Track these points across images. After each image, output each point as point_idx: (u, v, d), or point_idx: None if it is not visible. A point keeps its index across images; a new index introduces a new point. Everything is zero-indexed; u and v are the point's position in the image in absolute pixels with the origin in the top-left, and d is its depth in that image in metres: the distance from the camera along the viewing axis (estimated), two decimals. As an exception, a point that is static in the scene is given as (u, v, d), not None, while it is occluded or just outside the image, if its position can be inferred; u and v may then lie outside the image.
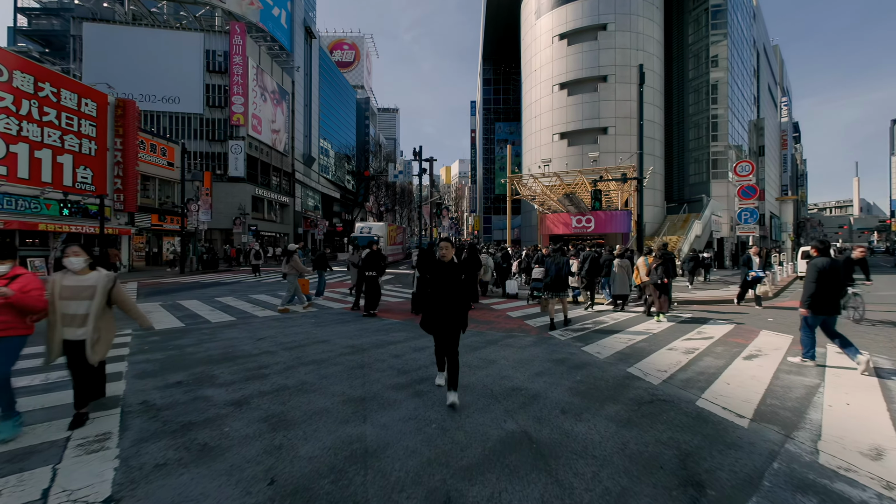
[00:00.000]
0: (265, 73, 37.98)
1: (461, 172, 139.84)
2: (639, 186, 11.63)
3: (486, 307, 10.07)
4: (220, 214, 33.57)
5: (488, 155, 52.70)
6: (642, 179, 11.71)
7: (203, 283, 15.99)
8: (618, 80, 27.59)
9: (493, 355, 5.55)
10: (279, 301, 10.02)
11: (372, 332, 7.07)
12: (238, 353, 5.61)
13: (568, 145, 28.77)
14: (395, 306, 10.17)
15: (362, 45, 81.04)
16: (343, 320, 8.15)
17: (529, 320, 8.20)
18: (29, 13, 42.83)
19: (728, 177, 33.14)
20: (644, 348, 6.01)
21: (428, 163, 22.79)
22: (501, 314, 9.00)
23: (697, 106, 34.58)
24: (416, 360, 5.29)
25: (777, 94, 65.37)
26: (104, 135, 21.28)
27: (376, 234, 27.16)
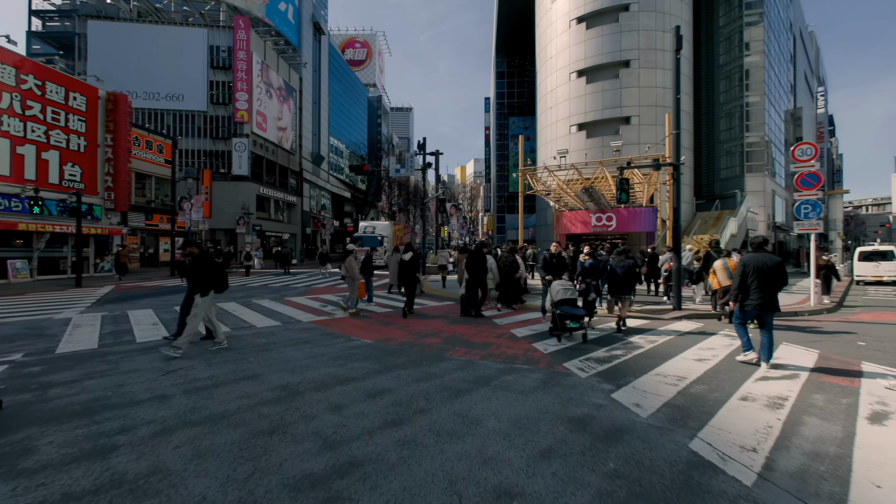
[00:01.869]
0: (270, 69, 36.98)
1: (476, 172, 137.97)
2: (676, 174, 9.62)
3: (488, 321, 8.24)
4: (224, 214, 32.68)
5: (502, 151, 50.69)
6: (679, 166, 9.70)
7: (183, 287, 14.62)
8: (642, 66, 25.28)
9: (480, 408, 3.75)
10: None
11: (327, 359, 5.35)
12: (116, 398, 3.96)
13: (587, 137, 26.60)
14: (379, 319, 8.45)
15: (374, 43, 79.99)
16: (301, 340, 6.47)
17: (539, 342, 6.34)
18: (43, 16, 43.06)
19: (765, 170, 30.30)
20: (704, 395, 4.10)
21: (433, 157, 21.05)
22: (505, 332, 7.17)
23: (729, 94, 31.81)
24: (362, 418, 3.53)
25: (813, 84, 61.12)
26: (94, 130, 20.34)
27: (380, 234, 25.61)
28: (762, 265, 5.13)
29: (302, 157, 43.71)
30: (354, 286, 8.94)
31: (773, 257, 5.24)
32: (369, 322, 8.12)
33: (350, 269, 8.84)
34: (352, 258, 8.97)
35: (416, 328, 7.49)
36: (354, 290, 8.94)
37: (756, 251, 5.37)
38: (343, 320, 8.26)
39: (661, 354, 5.67)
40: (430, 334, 6.95)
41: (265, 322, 7.90)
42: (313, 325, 7.75)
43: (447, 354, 5.64)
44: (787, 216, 38.24)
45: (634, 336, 6.89)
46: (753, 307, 5.14)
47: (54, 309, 9.64)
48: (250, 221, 32.49)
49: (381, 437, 3.16)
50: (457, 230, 63.57)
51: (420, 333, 7.01)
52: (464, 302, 8.69)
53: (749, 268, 5.20)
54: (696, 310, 9.55)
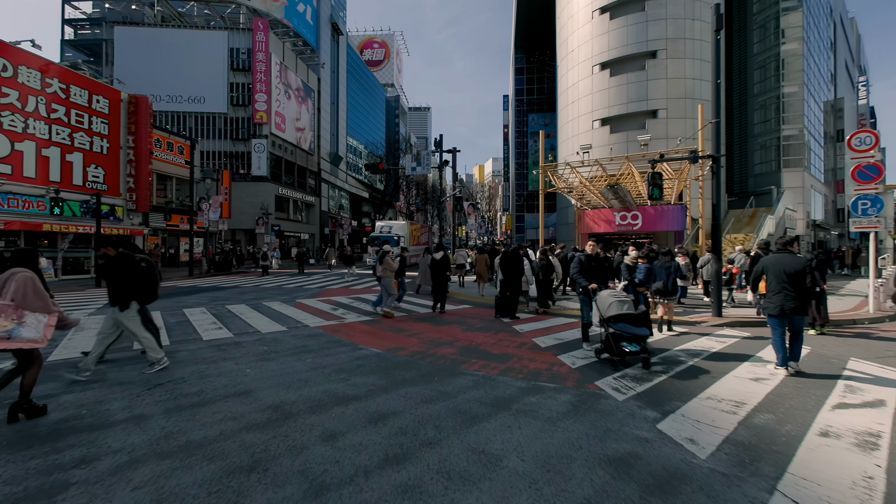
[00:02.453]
0: (289, 70, 37.21)
1: (494, 171, 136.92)
2: (716, 167, 8.73)
3: (507, 327, 7.60)
4: (243, 215, 33.04)
5: (521, 149, 49.67)
6: (720, 158, 8.80)
7: (199, 288, 14.55)
8: (670, 56, 24.02)
9: (499, 441, 3.14)
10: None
11: (329, 372, 4.85)
12: (90, 418, 3.55)
13: (610, 132, 25.49)
14: (392, 325, 7.93)
15: (392, 43, 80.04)
16: (305, 348, 6.00)
17: (565, 355, 5.67)
18: (74, 24, 44.65)
19: (804, 164, 28.43)
20: (773, 429, 3.38)
21: (450, 154, 20.49)
22: (527, 341, 6.52)
23: (763, 84, 30.01)
24: (359, 451, 2.99)
25: (854, 73, 57.54)
26: (117, 132, 20.66)
27: (397, 234, 25.22)
28: (781, 268, 4.93)
29: (320, 158, 43.90)
30: (391, 287, 8.83)
31: (796, 260, 4.98)
32: (381, 328, 7.60)
33: (389, 268, 8.65)
34: (389, 258, 8.77)
35: (429, 335, 6.93)
36: (392, 291, 8.86)
37: (780, 252, 5.17)
38: (353, 326, 7.78)
39: (708, 371, 4.93)
40: (444, 343, 6.37)
41: (271, 327, 7.49)
42: (321, 330, 7.29)
43: (462, 368, 5.05)
44: (827, 214, 35.94)
45: (674, 347, 6.13)
46: (777, 310, 4.89)
47: (66, 310, 9.52)
48: (269, 222, 32.70)
49: (379, 479, 2.60)
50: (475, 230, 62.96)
51: (433, 342, 6.44)
52: (498, 303, 8.51)
53: (767, 270, 5.09)
54: (741, 317, 8.65)
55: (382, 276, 8.70)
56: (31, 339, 3.43)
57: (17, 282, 3.44)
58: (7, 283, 3.45)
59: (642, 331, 4.88)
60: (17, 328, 3.35)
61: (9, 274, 3.51)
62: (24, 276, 3.49)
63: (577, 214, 23.27)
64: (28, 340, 3.41)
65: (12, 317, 3.33)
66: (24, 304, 3.41)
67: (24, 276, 3.49)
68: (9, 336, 3.32)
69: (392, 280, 8.88)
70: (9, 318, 3.32)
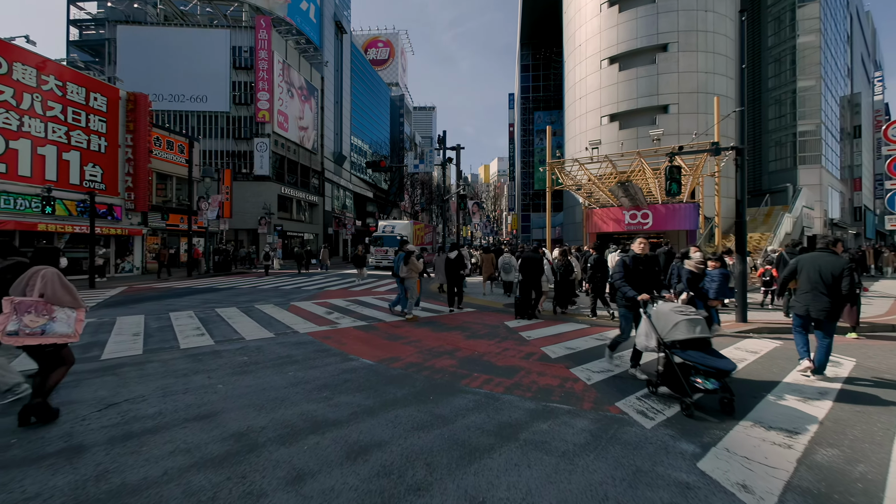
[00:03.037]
0: (292, 68, 36.83)
1: (500, 170, 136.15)
2: (740, 159, 8.05)
3: (513, 333, 6.99)
4: (246, 215, 32.69)
5: (527, 147, 48.94)
6: (744, 149, 8.12)
7: (194, 289, 14.08)
8: (681, 49, 23.22)
9: (504, 486, 2.53)
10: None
11: (311, 389, 4.27)
12: (18, 449, 3.00)
13: (619, 128, 24.74)
14: (388, 331, 7.35)
15: (397, 42, 79.62)
16: (289, 358, 5.43)
17: (579, 368, 5.04)
18: (80, 25, 44.67)
19: (821, 161, 27.44)
20: (843, 470, 2.73)
21: (454, 151, 19.88)
22: (535, 351, 5.90)
23: (778, 79, 29.04)
24: (329, 501, 2.39)
25: (870, 68, 56.04)
26: (115, 131, 20.32)
27: (399, 234, 24.65)
28: (816, 268, 4.57)
29: (324, 157, 43.51)
30: (414, 289, 8.63)
31: (835, 261, 4.53)
32: (376, 334, 7.02)
33: (414, 268, 8.40)
34: (414, 258, 8.50)
35: (428, 343, 6.34)
36: (414, 294, 8.65)
37: (821, 250, 4.76)
38: (346, 332, 7.21)
39: (745, 389, 4.27)
40: (443, 352, 5.77)
41: (257, 333, 6.94)
42: (310, 337, 6.72)
43: (462, 384, 4.44)
44: (844, 212, 34.81)
45: (700, 359, 5.47)
46: (803, 310, 4.61)
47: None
48: (271, 222, 32.31)
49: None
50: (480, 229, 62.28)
51: (432, 351, 5.85)
52: (518, 304, 8.44)
53: (801, 269, 4.75)
54: (768, 322, 7.96)
55: (407, 277, 8.39)
56: (65, 334, 3.44)
57: (43, 277, 3.43)
58: (32, 280, 3.43)
59: (725, 363, 3.60)
60: (50, 323, 3.37)
61: (33, 271, 3.47)
62: (50, 271, 3.49)
63: (584, 213, 22.56)
64: (61, 335, 3.42)
65: (42, 312, 3.35)
66: (54, 299, 3.41)
67: (50, 272, 3.48)
68: (42, 331, 3.34)
69: (416, 281, 8.67)
70: (40, 314, 3.33)
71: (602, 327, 7.68)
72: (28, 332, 3.28)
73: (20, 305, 3.29)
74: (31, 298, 3.33)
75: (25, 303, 3.31)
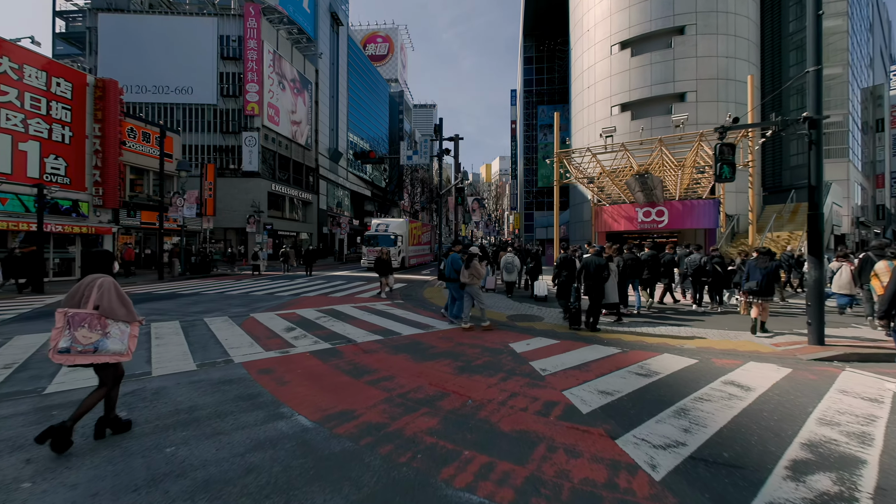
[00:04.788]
0: (284, 59, 35.08)
1: (502, 170, 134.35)
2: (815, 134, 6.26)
3: (520, 363, 5.17)
4: (234, 213, 30.99)
5: (530, 143, 47.05)
6: (821, 119, 6.33)
7: (152, 295, 12.30)
8: (700, 31, 21.33)
9: None
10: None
11: (182, 493, 2.46)
12: None
13: (631, 119, 22.86)
14: (355, 359, 5.53)
15: (396, 38, 77.79)
16: (188, 417, 3.62)
17: (630, 438, 3.22)
18: (66, 17, 43.07)
19: (848, 155, 25.50)
20: None
21: (452, 142, 18.06)
22: (555, 395, 4.08)
23: (800, 67, 27.04)
24: None
25: (886, 62, 53.90)
26: (82, 120, 18.58)
27: (394, 233, 22.92)
28: None
29: (318, 153, 41.75)
30: (479, 295, 7.54)
31: None
32: (336, 365, 5.20)
33: (477, 273, 7.41)
34: (477, 261, 7.48)
35: (402, 380, 4.53)
36: (470, 301, 7.60)
37: None
38: (296, 361, 5.40)
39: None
40: (421, 401, 3.96)
41: (175, 364, 5.13)
42: (244, 371, 4.90)
43: (442, 479, 2.62)
44: (867, 210, 32.82)
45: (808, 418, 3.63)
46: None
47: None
48: (261, 220, 30.56)
49: None
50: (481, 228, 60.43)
51: (405, 399, 4.03)
52: (573, 315, 7.57)
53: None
54: (857, 343, 6.13)
55: (469, 282, 7.45)
56: (117, 352, 3.10)
57: (100, 287, 3.11)
58: (88, 290, 3.11)
59: None
60: (103, 340, 3.05)
61: (89, 280, 3.17)
62: (107, 280, 3.18)
63: (593, 211, 20.74)
64: (114, 354, 3.09)
65: (97, 327, 3.04)
66: (109, 313, 3.07)
67: (108, 281, 3.17)
68: (95, 349, 3.02)
69: (479, 287, 7.59)
70: (93, 329, 3.03)
71: (637, 350, 5.87)
72: (80, 350, 2.98)
73: (74, 318, 3.00)
74: (85, 311, 3.03)
75: (80, 316, 3.01)
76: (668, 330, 7.34)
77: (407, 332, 7.07)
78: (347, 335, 6.81)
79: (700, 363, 5.33)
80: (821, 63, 6.44)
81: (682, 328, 7.51)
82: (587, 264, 7.31)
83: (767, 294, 6.87)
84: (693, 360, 5.47)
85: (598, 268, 7.16)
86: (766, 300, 6.91)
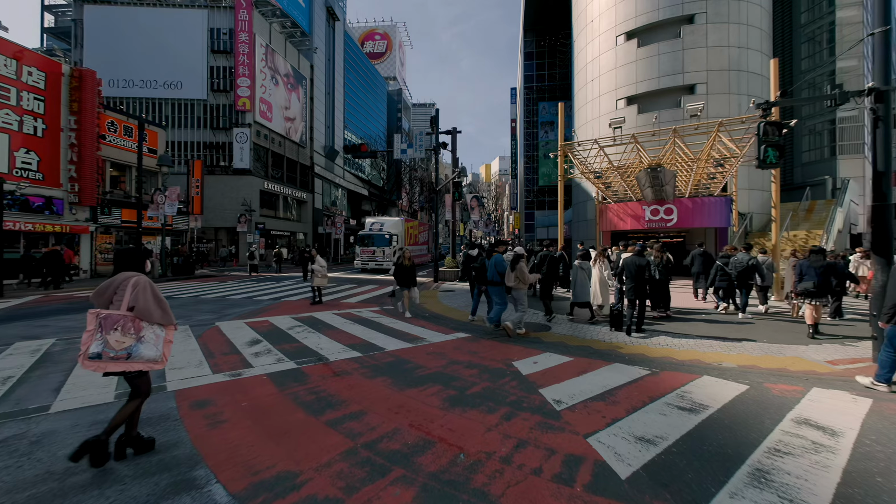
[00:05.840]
0: (277, 53, 34.01)
1: (502, 169, 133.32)
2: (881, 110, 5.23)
3: (530, 390, 4.09)
4: (225, 211, 29.91)
5: (530, 141, 46.02)
6: (890, 91, 5.30)
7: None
8: (710, 20, 20.28)
9: None
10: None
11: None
12: None
13: (638, 112, 21.80)
14: (320, 387, 4.45)
15: (395, 35, 76.71)
16: (65, 481, 2.55)
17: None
18: (55, 11, 41.99)
19: (864, 151, 24.45)
20: None
21: (449, 135, 17.00)
22: (579, 447, 3.00)
23: (812, 59, 26.06)
24: None
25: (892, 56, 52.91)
26: (57, 112, 17.51)
27: (389, 232, 21.84)
28: None
29: (313, 151, 40.66)
30: (524, 300, 6.93)
31: None
32: (293, 395, 4.12)
33: (523, 277, 6.77)
34: (523, 264, 6.85)
35: (373, 421, 3.45)
36: (524, 305, 6.91)
37: None
38: (243, 390, 4.31)
39: None
40: (397, 455, 2.88)
41: (86, 396, 4.04)
42: (172, 405, 3.81)
43: None
44: (880, 209, 31.70)
45: None
46: None
47: None
48: (252, 219, 29.50)
49: None
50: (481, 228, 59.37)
51: (372, 452, 2.95)
52: (614, 317, 7.23)
53: None
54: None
55: (515, 287, 6.81)
56: (151, 359, 2.81)
57: (134, 286, 2.83)
58: (121, 290, 2.82)
59: None
60: (137, 345, 2.76)
61: (122, 278, 2.87)
62: (142, 279, 2.90)
63: (598, 209, 19.68)
64: (148, 360, 2.80)
65: (131, 330, 2.74)
66: (144, 314, 2.79)
67: (143, 280, 2.89)
68: (128, 355, 2.72)
69: (525, 293, 6.96)
70: (127, 333, 2.72)
71: (668, 370, 4.78)
72: (112, 357, 2.66)
73: (107, 321, 2.68)
74: (118, 312, 2.72)
75: (112, 318, 2.70)
76: (697, 342, 6.26)
77: (392, 347, 5.98)
78: (320, 350, 5.73)
79: (752, 390, 4.26)
80: (890, 23, 5.39)
81: (712, 340, 6.42)
82: (627, 265, 6.87)
83: (824, 295, 6.54)
84: (742, 385, 4.39)
85: (640, 269, 6.72)
86: (822, 302, 6.58)
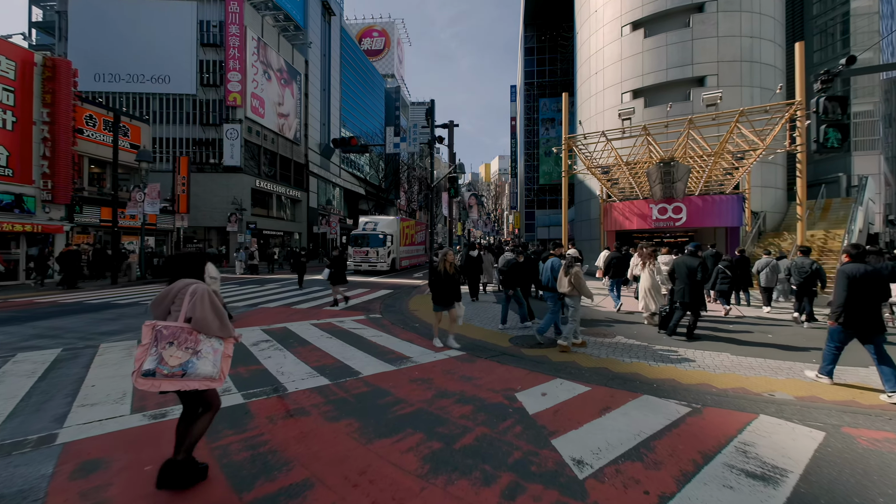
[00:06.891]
0: (269, 47, 32.93)
1: (501, 169, 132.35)
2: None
3: (541, 442, 3.06)
4: (214, 210, 28.85)
5: (531, 139, 45.00)
6: None
7: (68, 307, 10.12)
8: (721, 9, 19.27)
9: None
10: None
11: None
12: None
13: (645, 106, 20.78)
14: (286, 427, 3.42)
15: (392, 32, 75.64)
16: None
17: None
18: (42, 5, 40.88)
19: (879, 147, 23.45)
20: None
21: (446, 129, 15.99)
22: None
23: (825, 52, 25.06)
24: None
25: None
26: (28, 104, 16.47)
27: (383, 232, 20.81)
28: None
29: (308, 149, 39.60)
30: (578, 308, 6.04)
31: None
32: (218, 458, 3.10)
33: (579, 282, 5.84)
34: (579, 268, 6.01)
35: (323, 495, 2.42)
36: (578, 315, 6.05)
37: None
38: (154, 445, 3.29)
39: None
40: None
41: None
42: (48, 469, 2.78)
43: None
44: (892, 208, 30.74)
45: None
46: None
47: None
48: (243, 218, 28.46)
49: None
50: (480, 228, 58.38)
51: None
52: (662, 318, 7.04)
53: None
54: None
55: (569, 293, 5.97)
56: (208, 376, 2.44)
57: (192, 295, 2.51)
58: (178, 299, 2.52)
59: None
60: (192, 360, 2.41)
61: (180, 286, 2.55)
62: (201, 287, 2.57)
63: (602, 208, 18.69)
64: (205, 378, 2.44)
65: (186, 344, 2.41)
66: (202, 326, 2.46)
67: (201, 288, 2.56)
68: (183, 372, 2.38)
69: (580, 299, 6.11)
70: (182, 347, 2.40)
71: (711, 405, 3.75)
72: (166, 374, 2.33)
73: (162, 333, 2.40)
74: (175, 324, 2.43)
75: (169, 330, 2.41)
76: (734, 361, 5.23)
77: (370, 371, 4.94)
78: (280, 376, 4.69)
79: (831, 439, 3.23)
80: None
81: (750, 359, 5.39)
82: (677, 266, 6.45)
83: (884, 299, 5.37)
84: (814, 430, 3.37)
85: (691, 271, 6.18)
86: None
